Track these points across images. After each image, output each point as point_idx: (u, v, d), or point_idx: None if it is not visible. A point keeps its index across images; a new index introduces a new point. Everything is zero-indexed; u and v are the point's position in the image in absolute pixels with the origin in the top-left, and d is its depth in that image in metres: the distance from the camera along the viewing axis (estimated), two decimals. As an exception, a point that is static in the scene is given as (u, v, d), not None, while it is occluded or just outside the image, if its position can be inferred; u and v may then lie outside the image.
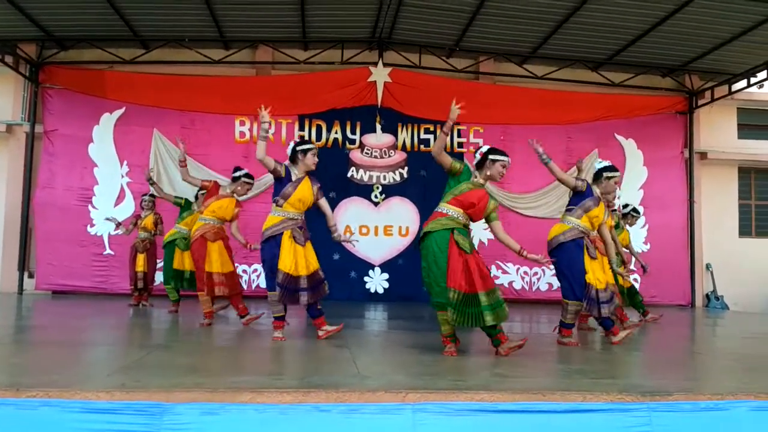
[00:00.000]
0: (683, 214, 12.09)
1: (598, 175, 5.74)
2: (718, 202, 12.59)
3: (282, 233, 5.29)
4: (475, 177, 4.86)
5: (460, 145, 11.39)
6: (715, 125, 12.62)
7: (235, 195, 6.62)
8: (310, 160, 5.42)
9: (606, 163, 5.81)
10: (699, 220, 12.29)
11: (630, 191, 11.71)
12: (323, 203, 5.59)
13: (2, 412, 2.88)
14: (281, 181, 5.38)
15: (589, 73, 11.93)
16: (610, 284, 5.56)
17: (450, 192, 4.77)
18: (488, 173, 4.83)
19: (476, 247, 4.85)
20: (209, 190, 6.60)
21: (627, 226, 8.42)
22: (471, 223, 4.80)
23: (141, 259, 8.51)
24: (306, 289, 5.25)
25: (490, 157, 4.85)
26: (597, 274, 5.45)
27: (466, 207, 4.70)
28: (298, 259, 5.25)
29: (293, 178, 5.38)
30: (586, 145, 11.74)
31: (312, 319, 5.55)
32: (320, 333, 5.48)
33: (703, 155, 12.46)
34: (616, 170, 5.79)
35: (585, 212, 5.53)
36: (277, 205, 5.38)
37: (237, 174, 6.61)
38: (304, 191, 5.37)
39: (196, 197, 8.00)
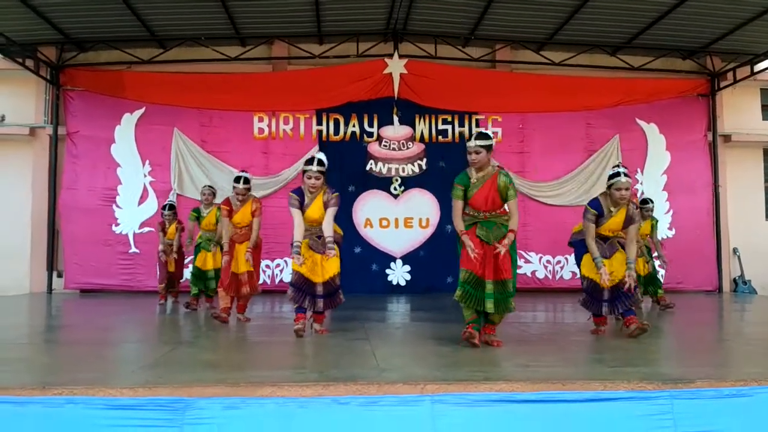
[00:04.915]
0: (708, 198, 11.90)
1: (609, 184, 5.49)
2: (744, 185, 12.34)
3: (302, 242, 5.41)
4: (471, 176, 4.82)
5: (479, 135, 11.28)
6: (739, 107, 12.37)
7: (240, 203, 6.50)
8: (306, 183, 5.39)
9: (612, 172, 5.50)
10: (724, 204, 12.08)
11: (653, 176, 11.57)
12: (327, 213, 5.40)
13: (29, 411, 2.96)
14: (301, 206, 5.42)
15: (608, 57, 11.77)
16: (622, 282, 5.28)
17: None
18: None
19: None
20: (229, 212, 6.57)
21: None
22: (498, 212, 4.81)
23: (170, 262, 8.66)
24: (323, 296, 5.39)
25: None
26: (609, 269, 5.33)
27: (481, 205, 4.77)
28: (315, 266, 5.37)
29: (306, 200, 5.41)
30: (607, 131, 11.62)
31: (313, 313, 5.59)
32: (317, 327, 5.59)
33: (727, 138, 12.23)
34: (617, 175, 5.33)
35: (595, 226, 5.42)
36: None
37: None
38: (314, 212, 5.41)
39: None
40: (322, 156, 5.46)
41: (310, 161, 5.40)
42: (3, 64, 11.24)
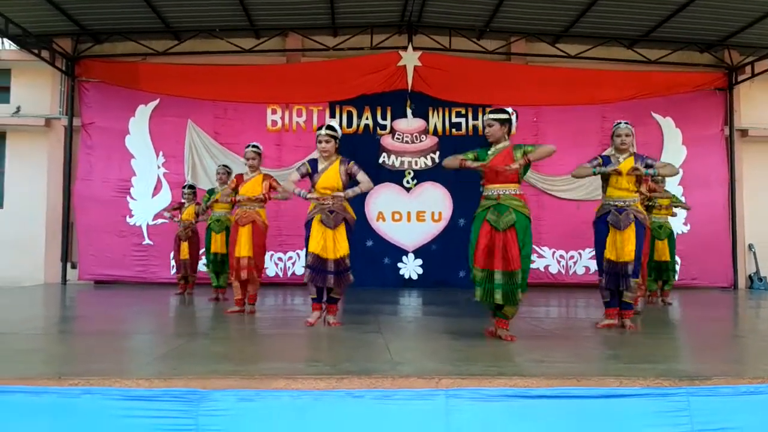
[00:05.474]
0: (724, 193, 11.78)
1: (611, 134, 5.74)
2: (761, 180, 12.20)
3: (314, 218, 5.47)
4: (489, 151, 4.89)
5: (493, 128, 11.21)
6: (756, 101, 12.22)
7: (249, 170, 6.68)
8: (318, 149, 5.57)
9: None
10: (741, 200, 11.96)
11: (669, 171, 11.44)
12: (360, 177, 5.51)
13: (46, 400, 2.98)
14: (312, 176, 5.54)
15: (624, 50, 11.65)
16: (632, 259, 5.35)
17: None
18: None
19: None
20: (238, 185, 6.68)
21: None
22: (512, 187, 4.75)
23: (184, 247, 8.68)
24: (333, 272, 5.39)
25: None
26: (618, 245, 5.36)
27: (495, 176, 4.75)
28: (327, 242, 5.38)
29: (319, 168, 5.52)
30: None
31: (326, 303, 5.62)
32: (330, 319, 5.57)
33: (744, 132, 12.10)
34: (625, 124, 5.63)
35: (606, 183, 5.55)
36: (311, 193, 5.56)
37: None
38: (329, 177, 5.46)
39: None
40: (333, 122, 5.70)
41: (320, 127, 5.60)
42: (19, 56, 11.35)
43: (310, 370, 3.47)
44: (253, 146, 6.74)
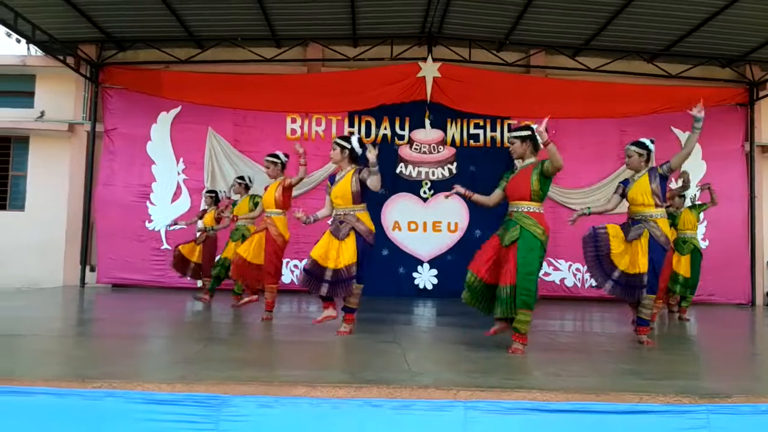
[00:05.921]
0: (744, 209, 11.66)
1: None
2: (781, 197, 12.09)
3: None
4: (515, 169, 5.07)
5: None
6: (778, 117, 12.13)
7: (266, 172, 6.93)
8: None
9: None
10: (760, 216, 11.83)
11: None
12: (370, 182, 5.38)
13: (69, 402, 3.03)
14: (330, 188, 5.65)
15: (645, 64, 11.62)
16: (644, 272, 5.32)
17: None
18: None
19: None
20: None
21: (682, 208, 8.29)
22: (525, 204, 4.83)
23: (196, 249, 8.71)
24: (328, 281, 5.27)
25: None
26: (627, 255, 5.38)
27: (512, 194, 4.91)
28: (330, 251, 5.33)
29: (336, 178, 5.62)
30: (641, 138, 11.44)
31: (343, 312, 5.58)
32: (340, 327, 5.51)
33: (765, 148, 11.99)
34: (629, 145, 5.91)
35: (622, 197, 5.79)
36: None
37: None
38: (342, 187, 5.49)
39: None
40: (354, 137, 5.79)
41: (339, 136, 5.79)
42: (44, 62, 11.53)
43: (329, 378, 3.49)
44: (269, 156, 6.88)
